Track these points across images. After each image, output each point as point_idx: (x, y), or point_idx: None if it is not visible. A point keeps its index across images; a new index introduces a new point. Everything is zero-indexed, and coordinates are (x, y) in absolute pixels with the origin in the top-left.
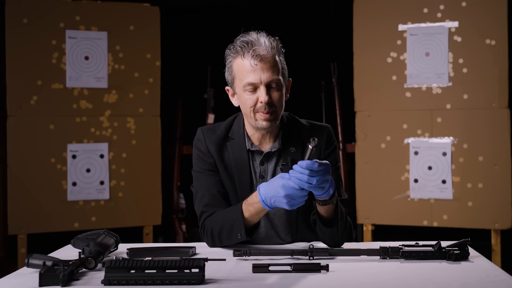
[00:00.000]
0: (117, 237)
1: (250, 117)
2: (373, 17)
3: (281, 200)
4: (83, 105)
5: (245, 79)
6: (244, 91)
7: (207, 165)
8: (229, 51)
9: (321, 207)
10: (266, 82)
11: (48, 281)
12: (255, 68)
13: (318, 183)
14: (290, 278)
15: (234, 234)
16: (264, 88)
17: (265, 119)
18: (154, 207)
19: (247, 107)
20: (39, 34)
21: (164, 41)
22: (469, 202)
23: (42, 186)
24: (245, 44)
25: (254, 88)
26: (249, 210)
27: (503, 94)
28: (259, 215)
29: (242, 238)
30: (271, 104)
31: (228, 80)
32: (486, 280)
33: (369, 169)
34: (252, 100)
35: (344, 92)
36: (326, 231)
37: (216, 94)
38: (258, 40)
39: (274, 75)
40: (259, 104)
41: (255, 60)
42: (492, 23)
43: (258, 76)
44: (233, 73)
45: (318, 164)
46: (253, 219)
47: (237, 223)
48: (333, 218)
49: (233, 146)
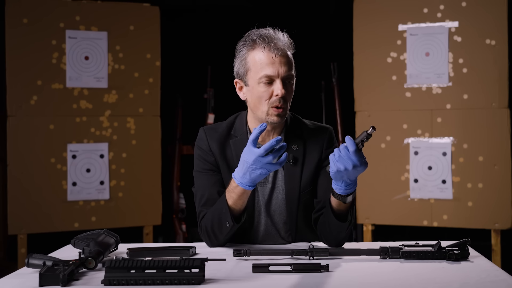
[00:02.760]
0: (117, 237)
1: (261, 111)
2: (373, 17)
3: (253, 168)
4: (83, 105)
5: (263, 71)
6: (259, 83)
7: (207, 165)
8: (243, 44)
9: (336, 201)
10: (282, 76)
11: (48, 281)
12: (274, 61)
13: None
14: (290, 278)
15: (223, 224)
16: (280, 81)
17: (277, 114)
18: (154, 207)
19: (261, 100)
20: (39, 34)
21: (164, 41)
22: (469, 202)
23: (42, 186)
24: (265, 37)
25: (270, 81)
26: (231, 196)
27: (503, 94)
28: (241, 199)
29: (230, 226)
30: (285, 99)
31: (239, 73)
32: (486, 280)
33: (369, 169)
34: (267, 93)
35: (344, 92)
36: (337, 225)
37: (216, 94)
38: (277, 34)
39: (290, 71)
40: (274, 98)
41: (276, 54)
42: (492, 23)
43: (276, 70)
44: (247, 65)
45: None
46: (237, 204)
47: (224, 212)
48: (346, 213)
49: (236, 144)
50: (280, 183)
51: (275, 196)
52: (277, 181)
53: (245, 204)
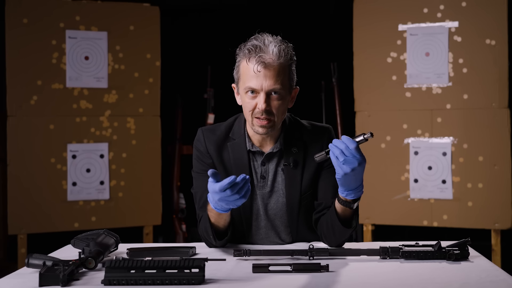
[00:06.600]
0: (117, 237)
1: (248, 120)
2: (373, 17)
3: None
4: (83, 105)
5: (247, 83)
6: (245, 93)
7: (205, 166)
8: (239, 50)
9: (342, 207)
10: (266, 90)
11: (48, 281)
12: (257, 74)
13: (345, 163)
14: (290, 278)
15: (211, 238)
16: (264, 95)
17: (261, 125)
18: (154, 207)
19: (246, 110)
20: (39, 34)
21: (164, 41)
22: (469, 202)
23: (42, 186)
24: (253, 48)
25: (253, 93)
26: (212, 215)
27: (503, 94)
28: (221, 218)
29: (214, 240)
30: (269, 112)
31: (235, 78)
32: (486, 280)
33: (369, 169)
34: (251, 105)
35: (344, 92)
36: (342, 230)
37: (216, 94)
38: (267, 46)
39: (276, 84)
40: (257, 110)
41: (259, 66)
42: (492, 23)
43: (260, 83)
44: (239, 73)
45: (356, 145)
46: (219, 222)
47: (209, 230)
48: (350, 218)
49: (233, 147)
50: (280, 186)
51: (275, 200)
52: (276, 185)
53: (227, 222)
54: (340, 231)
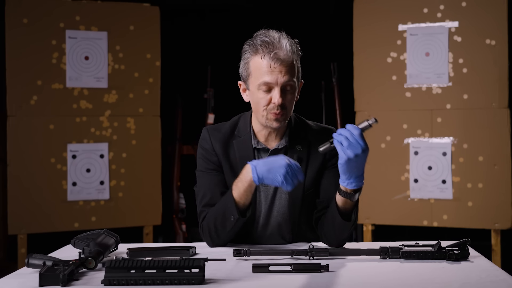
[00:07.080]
0: (117, 237)
1: (261, 115)
2: (373, 17)
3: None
4: (83, 105)
5: (261, 78)
6: (258, 89)
7: (210, 164)
8: (248, 47)
9: (342, 199)
10: (281, 84)
11: (48, 281)
12: (273, 69)
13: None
14: (290, 278)
15: (228, 218)
16: (278, 89)
17: (276, 119)
18: (154, 207)
19: (259, 106)
20: (39, 34)
21: (164, 41)
22: (469, 202)
23: (42, 186)
24: (266, 44)
25: (268, 88)
26: (237, 187)
27: (503, 94)
28: (246, 192)
29: (235, 219)
30: (283, 106)
31: (242, 75)
32: (486, 280)
33: (369, 169)
34: (265, 100)
35: (344, 92)
36: (342, 224)
37: (216, 94)
38: (280, 42)
39: (290, 79)
40: (272, 105)
41: (275, 63)
42: (492, 23)
43: (275, 78)
44: (249, 70)
45: (359, 131)
46: (241, 198)
47: (229, 206)
48: (350, 212)
49: (239, 144)
50: None
51: (278, 196)
52: None
53: (248, 201)
54: (340, 225)
